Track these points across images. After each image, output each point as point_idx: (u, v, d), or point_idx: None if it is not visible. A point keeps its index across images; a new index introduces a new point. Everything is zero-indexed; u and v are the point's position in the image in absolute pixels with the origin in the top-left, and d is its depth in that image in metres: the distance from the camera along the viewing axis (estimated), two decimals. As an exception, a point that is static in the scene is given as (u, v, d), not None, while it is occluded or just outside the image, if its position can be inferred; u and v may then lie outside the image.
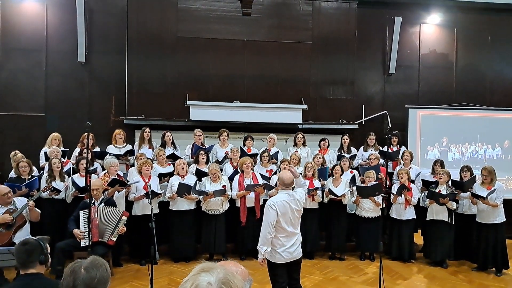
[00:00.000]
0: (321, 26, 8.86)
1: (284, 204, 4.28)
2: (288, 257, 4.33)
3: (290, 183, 4.39)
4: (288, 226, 4.30)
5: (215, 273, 1.29)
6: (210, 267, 1.33)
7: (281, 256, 4.31)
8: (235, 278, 1.31)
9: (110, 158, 6.64)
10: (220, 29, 8.55)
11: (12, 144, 7.72)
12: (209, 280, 1.26)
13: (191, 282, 1.28)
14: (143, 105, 8.27)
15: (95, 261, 2.15)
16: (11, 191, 5.52)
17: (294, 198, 4.36)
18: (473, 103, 9.32)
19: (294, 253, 4.36)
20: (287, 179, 4.37)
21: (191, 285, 1.27)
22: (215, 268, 1.32)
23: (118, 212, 5.82)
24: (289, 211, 4.30)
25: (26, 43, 8.25)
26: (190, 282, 1.28)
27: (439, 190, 6.70)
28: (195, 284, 1.26)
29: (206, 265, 1.35)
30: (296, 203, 4.36)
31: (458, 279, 6.34)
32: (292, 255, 4.35)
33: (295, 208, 4.33)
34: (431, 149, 8.96)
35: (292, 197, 4.35)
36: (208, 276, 1.28)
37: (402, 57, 9.36)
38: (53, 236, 5.59)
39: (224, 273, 1.30)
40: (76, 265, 2.11)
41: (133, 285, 5.78)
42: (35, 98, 8.31)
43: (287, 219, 4.30)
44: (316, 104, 8.81)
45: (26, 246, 2.75)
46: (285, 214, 4.27)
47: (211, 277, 1.28)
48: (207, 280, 1.27)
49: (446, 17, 9.55)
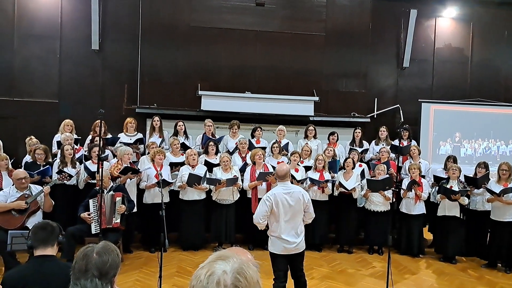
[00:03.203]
0: (335, 18, 8.79)
1: (281, 198, 4.32)
2: (286, 248, 4.37)
3: (284, 175, 4.42)
4: (285, 218, 4.35)
5: (231, 262, 1.30)
6: (227, 255, 1.33)
7: (279, 246, 4.38)
8: (250, 269, 1.31)
9: (122, 146, 6.69)
10: (233, 20, 8.53)
11: (26, 130, 7.81)
12: (225, 269, 1.27)
13: (207, 268, 1.28)
14: (155, 94, 8.32)
15: (106, 246, 2.18)
16: (27, 176, 5.59)
17: (290, 192, 4.37)
18: (487, 99, 9.21)
19: (293, 246, 4.38)
20: (280, 171, 4.42)
21: (207, 271, 1.27)
22: (231, 257, 1.32)
23: (112, 196, 5.86)
24: (286, 204, 4.34)
25: (40, 30, 8.31)
26: (206, 269, 1.28)
27: (450, 186, 6.64)
28: (210, 271, 1.27)
29: (223, 253, 1.35)
30: (292, 199, 4.35)
31: (467, 275, 6.30)
32: (291, 247, 4.38)
33: (290, 204, 4.35)
34: (443, 144, 8.89)
35: (288, 191, 4.37)
36: (224, 264, 1.29)
37: (416, 50, 9.27)
38: (64, 222, 5.65)
39: (240, 263, 1.30)
40: (88, 250, 2.14)
41: (143, 271, 5.84)
42: (49, 84, 8.39)
43: (285, 211, 4.34)
44: (328, 96, 8.77)
45: (47, 226, 2.87)
46: (282, 207, 4.32)
47: (227, 266, 1.28)
48: (223, 268, 1.27)
49: (463, 10, 9.42)
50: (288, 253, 4.41)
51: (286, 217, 4.35)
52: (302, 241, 4.48)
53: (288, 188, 4.41)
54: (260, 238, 6.93)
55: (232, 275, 1.26)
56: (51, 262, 2.80)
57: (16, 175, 5.51)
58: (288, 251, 4.40)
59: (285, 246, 4.38)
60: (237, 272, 1.27)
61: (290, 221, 4.37)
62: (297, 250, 4.43)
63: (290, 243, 4.37)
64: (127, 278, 5.48)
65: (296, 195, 4.39)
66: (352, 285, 5.69)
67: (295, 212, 4.38)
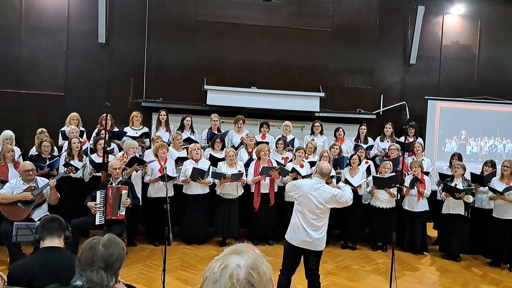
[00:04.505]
0: (342, 14, 8.75)
1: (308, 188, 4.36)
2: (298, 240, 4.38)
3: (328, 173, 4.49)
4: (306, 211, 4.35)
5: (245, 257, 1.30)
6: (241, 250, 1.34)
7: (293, 236, 4.41)
8: (264, 265, 1.32)
9: (129, 140, 6.71)
10: (239, 14, 8.51)
11: (32, 122, 7.86)
12: (239, 263, 1.27)
13: (221, 261, 1.29)
14: (161, 88, 8.33)
15: (112, 239, 2.20)
16: (34, 169, 5.63)
17: (318, 190, 4.36)
18: (494, 97, 9.15)
19: (306, 241, 4.36)
20: (326, 169, 4.43)
21: (221, 264, 1.28)
22: (246, 252, 1.33)
23: (118, 188, 5.88)
24: (309, 198, 4.34)
25: (47, 22, 8.33)
26: (220, 262, 1.29)
27: (455, 184, 6.62)
28: (224, 264, 1.28)
29: (238, 248, 1.35)
30: (317, 197, 4.34)
31: (471, 273, 6.29)
32: (303, 241, 4.36)
33: (314, 200, 4.34)
34: (449, 142, 8.85)
35: (317, 188, 4.36)
36: (239, 258, 1.29)
37: (423, 47, 9.22)
38: (70, 214, 5.68)
39: (254, 258, 1.31)
40: (94, 242, 2.16)
41: (147, 264, 5.87)
42: (55, 77, 8.42)
43: (305, 203, 4.36)
44: (334, 92, 8.75)
45: (56, 219, 2.92)
46: (304, 196, 4.35)
47: (241, 260, 1.29)
48: (237, 262, 1.28)
49: (471, 7, 9.35)
50: (300, 246, 4.41)
51: (309, 211, 4.37)
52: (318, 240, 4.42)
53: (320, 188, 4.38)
54: (263, 233, 6.97)
55: (246, 270, 1.27)
56: (59, 254, 2.82)
57: (23, 167, 5.56)
58: (300, 245, 4.40)
59: (299, 239, 4.39)
60: (250, 267, 1.28)
61: (314, 216, 4.37)
62: (309, 247, 4.41)
63: (305, 238, 4.37)
64: (130, 271, 5.51)
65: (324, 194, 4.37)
66: (355, 281, 5.70)
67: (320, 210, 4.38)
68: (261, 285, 1.27)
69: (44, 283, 2.50)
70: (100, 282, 2.09)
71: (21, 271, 2.71)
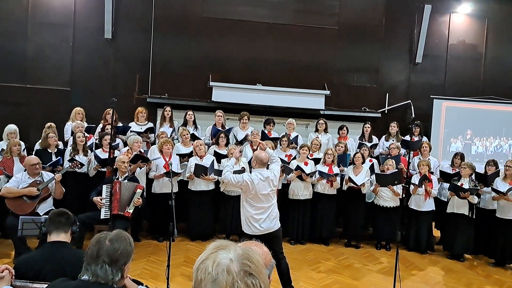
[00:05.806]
0: (348, 12, 8.73)
1: (259, 183, 4.59)
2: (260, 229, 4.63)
3: (266, 162, 4.71)
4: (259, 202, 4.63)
5: (232, 250, 1.30)
6: (225, 244, 1.33)
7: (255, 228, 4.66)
8: (254, 252, 1.33)
9: (133, 135, 6.73)
10: (245, 11, 8.50)
11: (38, 117, 7.90)
12: (230, 257, 1.28)
13: (212, 260, 1.28)
14: (166, 84, 8.34)
15: (120, 234, 2.22)
16: (40, 163, 5.65)
17: (266, 178, 4.62)
18: (500, 97, 9.11)
19: (266, 226, 4.65)
20: (266, 158, 4.68)
21: (213, 263, 1.27)
22: (230, 245, 1.33)
23: (133, 185, 5.90)
24: (262, 189, 4.61)
25: (54, 18, 8.35)
26: (211, 260, 1.28)
27: (461, 183, 6.60)
28: (216, 262, 1.27)
29: (220, 243, 1.35)
30: (269, 184, 4.64)
31: (475, 273, 6.28)
32: (264, 228, 4.64)
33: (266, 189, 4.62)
34: (454, 141, 8.82)
35: (265, 178, 4.62)
36: (226, 253, 1.29)
37: (429, 46, 9.17)
38: (75, 209, 5.69)
39: (243, 249, 1.31)
40: (102, 236, 2.18)
41: (151, 260, 5.89)
42: (61, 72, 8.44)
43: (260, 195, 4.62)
44: (339, 90, 8.73)
45: (63, 213, 2.94)
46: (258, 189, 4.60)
47: (229, 254, 1.29)
48: (228, 257, 1.28)
49: (478, 7, 9.30)
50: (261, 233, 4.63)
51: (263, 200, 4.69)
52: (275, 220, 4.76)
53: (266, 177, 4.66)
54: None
55: (239, 262, 1.27)
56: (65, 248, 2.83)
57: (29, 161, 5.58)
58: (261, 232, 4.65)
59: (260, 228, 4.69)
60: (242, 257, 1.28)
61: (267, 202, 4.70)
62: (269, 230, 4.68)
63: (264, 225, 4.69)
64: (135, 266, 5.52)
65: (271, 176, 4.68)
66: (358, 280, 5.70)
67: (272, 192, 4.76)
68: (258, 272, 1.28)
69: (49, 277, 2.51)
70: (105, 277, 2.11)
71: (26, 265, 2.72)
